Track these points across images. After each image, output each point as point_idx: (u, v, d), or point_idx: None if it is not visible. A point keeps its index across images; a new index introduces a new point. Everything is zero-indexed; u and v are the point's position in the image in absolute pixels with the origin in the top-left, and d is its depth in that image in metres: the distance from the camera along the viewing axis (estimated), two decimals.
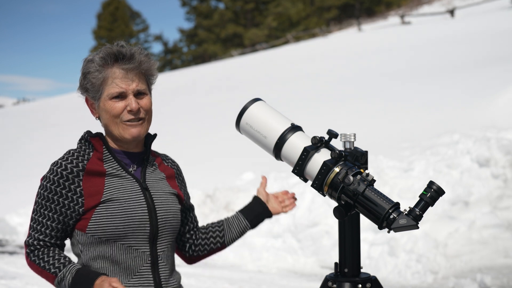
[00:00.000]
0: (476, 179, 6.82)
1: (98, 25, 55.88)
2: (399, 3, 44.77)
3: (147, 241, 2.01)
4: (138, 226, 1.99)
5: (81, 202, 1.97)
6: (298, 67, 22.01)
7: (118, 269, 1.99)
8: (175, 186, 2.17)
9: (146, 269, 2.01)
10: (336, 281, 2.31)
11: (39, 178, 2.14)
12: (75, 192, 1.97)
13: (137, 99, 2.03)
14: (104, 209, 1.97)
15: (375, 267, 6.24)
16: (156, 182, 2.10)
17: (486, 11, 26.04)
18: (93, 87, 2.02)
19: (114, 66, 2.00)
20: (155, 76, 2.11)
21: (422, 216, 2.06)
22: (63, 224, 1.99)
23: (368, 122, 11.38)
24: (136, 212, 1.99)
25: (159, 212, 2.04)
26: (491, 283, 5.55)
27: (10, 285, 6.25)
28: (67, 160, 2.01)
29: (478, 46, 16.57)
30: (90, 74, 2.01)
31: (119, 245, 1.98)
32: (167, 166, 2.20)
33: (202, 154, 11.94)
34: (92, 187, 1.98)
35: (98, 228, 1.96)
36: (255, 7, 49.50)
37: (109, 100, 2.01)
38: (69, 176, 1.98)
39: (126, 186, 2.02)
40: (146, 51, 2.07)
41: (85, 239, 1.99)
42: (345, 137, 2.27)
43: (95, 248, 1.99)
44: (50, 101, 34.22)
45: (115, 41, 2.08)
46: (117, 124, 2.02)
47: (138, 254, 2.00)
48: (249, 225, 2.34)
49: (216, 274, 6.61)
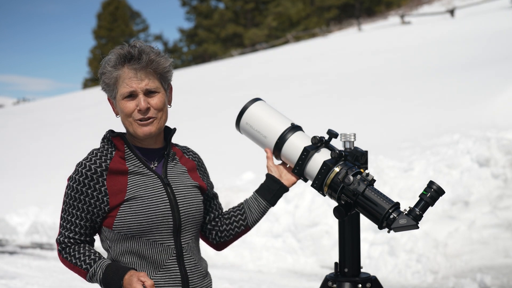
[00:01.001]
0: (476, 179, 6.82)
1: (98, 25, 55.85)
2: (399, 3, 44.75)
3: (171, 235, 2.09)
4: (162, 221, 2.07)
5: (106, 200, 2.06)
6: (298, 67, 22.00)
7: (145, 263, 2.07)
8: (197, 178, 2.24)
9: (172, 261, 2.09)
10: (336, 281, 2.32)
11: (38, 178, 2.16)
12: (100, 191, 2.06)
13: (148, 98, 2.09)
14: (128, 207, 2.05)
15: (375, 267, 6.24)
16: (177, 177, 2.16)
17: (486, 11, 26.03)
18: (108, 87, 2.12)
19: (125, 67, 2.08)
20: (169, 72, 2.17)
21: (422, 216, 2.06)
22: (90, 222, 2.09)
23: (368, 122, 11.37)
24: (158, 208, 2.07)
25: (182, 206, 2.11)
26: (491, 283, 5.55)
27: (10, 285, 6.25)
28: (90, 161, 2.09)
29: (478, 46, 16.56)
30: (104, 75, 2.11)
31: (144, 240, 2.06)
32: (188, 158, 2.27)
33: (202, 154, 11.88)
34: (116, 185, 2.07)
35: (123, 225, 2.05)
36: (255, 7, 49.47)
37: (121, 100, 2.09)
38: (94, 176, 2.07)
39: (148, 183, 2.09)
40: (157, 49, 2.14)
41: (112, 236, 2.08)
42: (345, 137, 2.28)
43: (122, 244, 2.08)
44: (50, 101, 34.20)
45: (132, 40, 2.17)
46: (130, 123, 2.10)
47: (164, 248, 2.08)
48: (268, 205, 2.33)
49: (216, 274, 6.61)
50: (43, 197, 10.63)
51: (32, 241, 9.38)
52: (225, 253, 7.31)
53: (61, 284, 6.27)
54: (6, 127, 23.76)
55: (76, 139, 16.63)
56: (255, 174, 9.30)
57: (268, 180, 2.33)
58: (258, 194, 2.33)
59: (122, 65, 2.08)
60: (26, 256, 8.21)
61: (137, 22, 58.53)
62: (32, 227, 9.62)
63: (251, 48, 41.37)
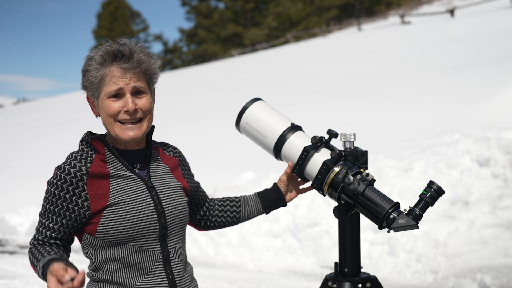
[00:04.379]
0: (476, 179, 6.81)
1: (98, 24, 55.88)
2: (399, 3, 44.75)
3: (157, 240, 2.01)
4: (147, 226, 1.99)
5: (86, 205, 1.96)
6: (298, 67, 22.00)
7: (130, 270, 2.00)
8: (180, 177, 2.17)
9: (159, 267, 2.02)
10: (336, 281, 2.31)
11: (38, 178, 2.15)
12: (80, 196, 1.97)
13: (136, 99, 2.00)
14: (112, 213, 1.96)
15: (375, 266, 6.24)
16: (161, 178, 2.09)
17: (486, 11, 26.04)
18: (92, 85, 2.00)
19: (113, 65, 1.97)
20: (156, 75, 2.08)
21: (422, 216, 2.06)
22: (65, 227, 1.98)
23: (368, 122, 11.37)
24: (144, 212, 1.98)
25: (167, 209, 2.04)
26: (491, 282, 5.55)
27: (10, 285, 6.25)
28: (70, 164, 1.98)
29: (478, 46, 16.56)
30: (89, 72, 1.99)
31: (129, 247, 1.99)
32: (169, 156, 2.19)
33: (202, 154, 11.92)
34: (97, 190, 1.97)
35: (107, 231, 1.96)
36: (255, 6, 49.47)
37: (106, 99, 1.98)
38: (73, 180, 1.96)
39: (131, 187, 2.01)
40: (147, 49, 2.05)
41: (95, 243, 1.99)
42: (345, 136, 2.27)
43: (106, 251, 1.99)
44: (50, 100, 34.20)
45: (117, 38, 2.05)
46: (112, 124, 2.00)
47: (149, 254, 2.00)
48: (263, 212, 2.39)
49: (216, 274, 6.61)
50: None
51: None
52: (225, 253, 7.31)
53: None
54: (6, 127, 23.75)
55: (76, 139, 16.55)
56: (255, 174, 9.30)
57: (273, 193, 2.37)
58: (260, 200, 2.38)
59: (111, 63, 1.97)
60: (26, 256, 8.20)
61: (137, 22, 58.54)
62: (32, 227, 9.62)
63: (251, 48, 41.36)
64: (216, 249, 7.40)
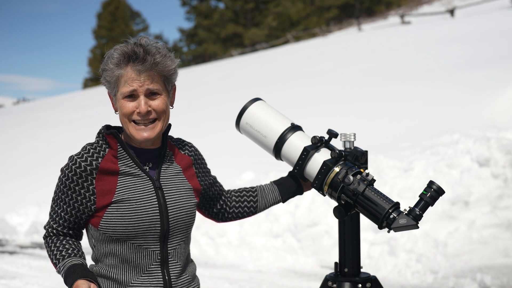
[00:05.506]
0: (476, 179, 6.81)
1: (98, 24, 55.86)
2: (399, 3, 44.75)
3: (157, 241, 2.03)
4: (149, 226, 2.00)
5: (93, 200, 2.00)
6: (298, 67, 21.99)
7: (127, 266, 2.03)
8: (192, 176, 2.17)
9: (156, 267, 2.03)
10: (336, 281, 2.31)
11: (38, 177, 2.16)
12: (88, 189, 2.00)
13: (150, 100, 2.00)
14: (115, 209, 1.99)
15: (375, 266, 6.24)
16: (171, 179, 2.09)
17: (486, 11, 26.03)
18: (109, 84, 2.04)
19: (128, 66, 1.99)
20: (174, 74, 2.07)
21: (422, 216, 2.06)
22: (75, 218, 2.04)
23: (368, 122, 11.37)
24: (147, 212, 2.00)
25: (171, 211, 2.04)
26: (491, 282, 5.56)
27: (10, 285, 6.25)
28: (82, 157, 2.01)
29: (478, 46, 16.55)
30: (106, 72, 2.02)
31: (129, 244, 2.01)
32: (183, 155, 2.19)
33: (202, 154, 11.91)
34: (105, 185, 2.00)
35: (109, 227, 2.00)
36: (255, 6, 49.46)
37: (122, 99, 2.01)
38: (83, 174, 1.99)
39: (138, 186, 2.02)
40: (165, 49, 2.04)
41: (98, 235, 2.04)
42: (345, 136, 2.27)
43: (106, 245, 2.03)
44: (49, 100, 34.19)
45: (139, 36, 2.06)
46: (127, 124, 2.02)
47: (148, 253, 2.02)
48: (279, 199, 2.41)
49: (216, 274, 6.61)
50: (43, 197, 10.61)
51: (32, 241, 9.37)
52: (225, 253, 7.31)
53: (61, 284, 6.26)
54: (6, 127, 23.75)
55: (76, 139, 16.61)
56: (255, 174, 9.29)
57: (289, 180, 2.40)
58: (276, 186, 2.40)
59: (126, 64, 1.98)
60: (26, 256, 8.20)
61: (137, 22, 58.55)
62: (32, 227, 9.62)
63: (251, 48, 41.36)
64: (216, 249, 7.40)
